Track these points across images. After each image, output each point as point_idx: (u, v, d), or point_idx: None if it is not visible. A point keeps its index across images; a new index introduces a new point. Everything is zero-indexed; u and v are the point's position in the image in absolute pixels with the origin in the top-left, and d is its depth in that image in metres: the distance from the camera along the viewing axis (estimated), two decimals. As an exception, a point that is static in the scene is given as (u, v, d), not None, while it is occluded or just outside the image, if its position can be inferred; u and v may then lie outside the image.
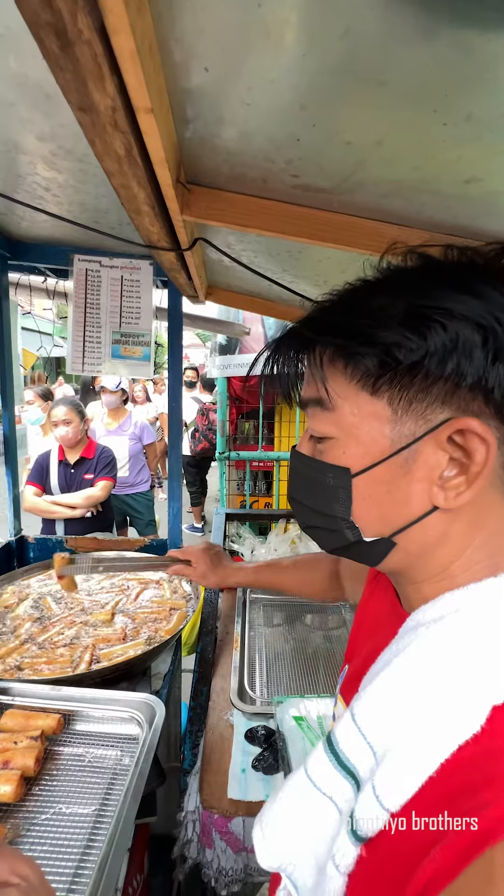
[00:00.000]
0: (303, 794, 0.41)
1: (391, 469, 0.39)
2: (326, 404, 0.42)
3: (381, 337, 0.37)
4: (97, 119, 0.46)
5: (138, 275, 1.50)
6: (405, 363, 0.37)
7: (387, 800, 0.33)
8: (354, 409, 0.40)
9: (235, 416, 2.65)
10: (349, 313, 0.40)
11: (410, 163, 0.57)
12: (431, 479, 0.38)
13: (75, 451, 2.40)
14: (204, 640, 1.36)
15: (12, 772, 0.70)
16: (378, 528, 0.42)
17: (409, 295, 0.38)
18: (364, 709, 0.39)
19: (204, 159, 0.66)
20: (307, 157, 0.60)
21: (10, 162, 0.85)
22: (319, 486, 0.43)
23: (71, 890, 0.58)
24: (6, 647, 1.05)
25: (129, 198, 0.66)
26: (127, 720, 0.84)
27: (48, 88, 0.61)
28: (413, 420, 0.38)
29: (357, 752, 0.37)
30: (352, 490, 0.41)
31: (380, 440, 0.39)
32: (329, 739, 0.40)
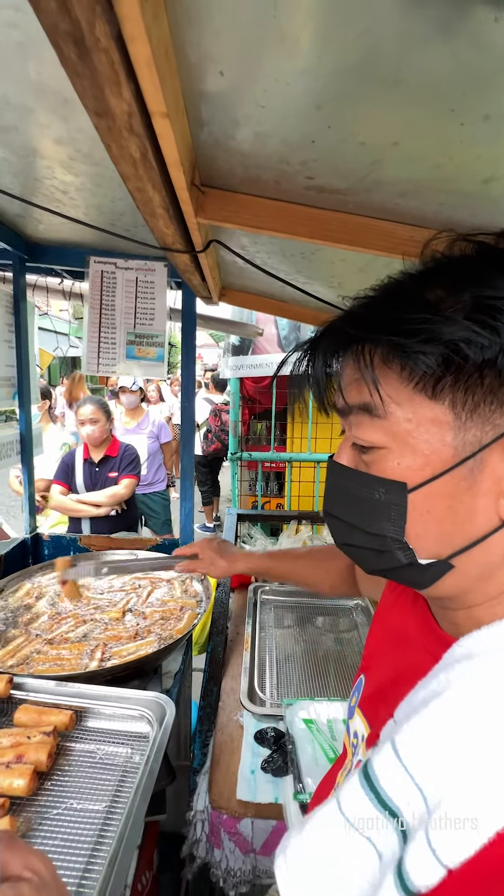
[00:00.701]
0: (335, 830, 0.37)
1: (454, 482, 0.36)
2: (377, 410, 0.37)
3: (446, 333, 0.33)
4: (113, 124, 0.47)
5: (153, 276, 1.51)
6: (474, 361, 0.33)
7: (445, 855, 0.30)
8: (410, 414, 0.36)
9: (248, 416, 2.65)
10: (402, 308, 0.36)
11: (427, 162, 0.56)
12: (500, 491, 0.35)
13: (100, 450, 2.44)
14: (214, 639, 1.36)
15: (26, 766, 0.71)
16: (435, 549, 0.38)
17: (471, 285, 0.34)
18: (410, 745, 0.34)
19: (218, 161, 0.66)
20: (322, 158, 0.59)
21: (29, 166, 0.87)
22: (366, 502, 0.39)
23: (81, 885, 0.58)
24: (18, 641, 1.06)
25: (144, 201, 0.66)
26: (137, 718, 0.85)
27: (66, 93, 0.62)
28: (479, 426, 0.35)
29: (402, 793, 0.34)
30: (407, 507, 0.37)
31: (441, 449, 0.36)
32: (366, 773, 0.36)
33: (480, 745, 0.32)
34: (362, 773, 0.37)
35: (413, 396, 0.36)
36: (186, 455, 1.59)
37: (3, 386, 1.47)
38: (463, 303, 0.34)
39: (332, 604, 1.70)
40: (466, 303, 0.34)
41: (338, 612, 1.66)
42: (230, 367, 2.02)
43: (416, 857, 0.31)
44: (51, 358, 11.20)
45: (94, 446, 2.43)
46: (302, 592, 1.72)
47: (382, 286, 0.40)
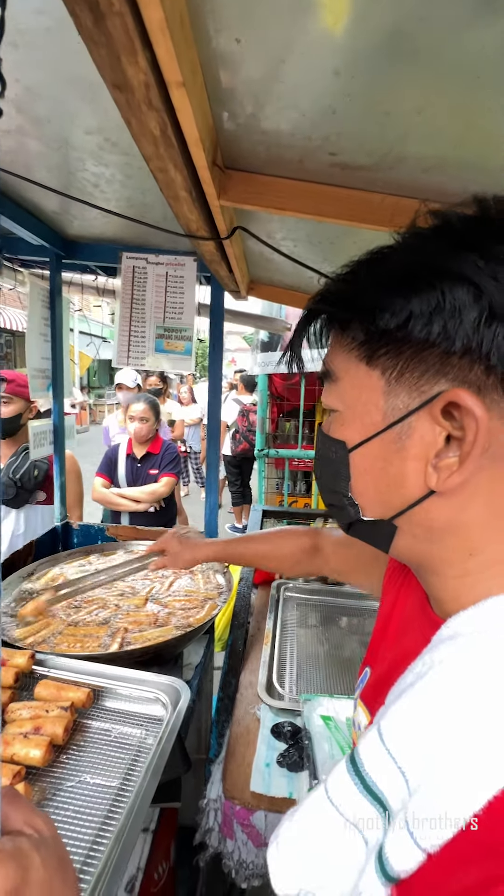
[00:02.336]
0: (323, 817, 0.37)
1: (385, 445, 0.37)
2: (331, 376, 0.41)
3: (363, 301, 0.36)
4: (132, 97, 0.48)
5: (182, 271, 1.53)
6: (387, 327, 0.34)
7: (423, 838, 0.29)
8: (354, 380, 0.39)
9: (276, 414, 2.64)
10: (341, 281, 0.39)
11: (453, 134, 0.54)
12: (426, 457, 0.35)
13: (143, 447, 2.50)
14: (235, 633, 1.35)
15: (42, 737, 0.72)
16: (377, 508, 0.40)
17: (410, 256, 0.36)
18: (394, 728, 0.34)
19: (240, 142, 0.66)
20: (345, 131, 0.58)
21: (62, 159, 0.90)
22: (327, 461, 0.42)
23: (89, 856, 0.59)
24: (41, 621, 1.09)
25: (166, 182, 0.67)
26: (153, 701, 0.86)
27: (93, 77, 0.64)
28: (407, 392, 0.35)
29: (386, 778, 0.33)
30: (349, 465, 0.40)
31: (374, 413, 0.37)
32: (353, 759, 0.36)
33: (459, 725, 0.31)
34: (349, 759, 0.36)
35: (357, 364, 0.38)
36: (212, 448, 1.59)
37: (38, 377, 1.53)
38: (389, 272, 0.35)
39: (358, 605, 1.65)
40: (392, 272, 0.35)
41: (364, 614, 1.62)
42: (258, 364, 2.02)
43: (395, 841, 0.30)
44: (90, 360, 11.63)
45: (140, 443, 2.49)
46: (325, 591, 1.69)
47: (352, 262, 0.42)
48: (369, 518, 0.40)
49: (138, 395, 2.58)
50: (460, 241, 0.33)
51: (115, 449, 2.56)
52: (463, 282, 0.32)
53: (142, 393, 2.66)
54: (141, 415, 2.41)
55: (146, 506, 2.43)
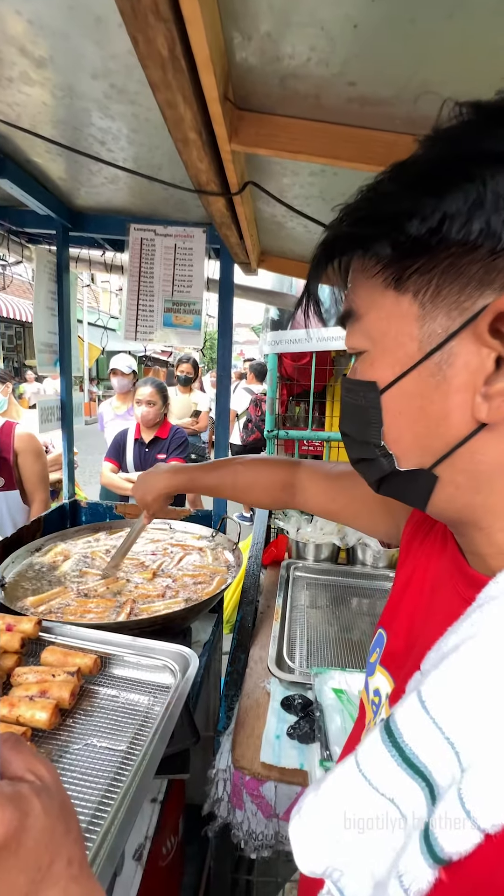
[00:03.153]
0: (354, 790, 0.33)
1: (422, 379, 0.33)
2: (354, 314, 0.36)
3: (388, 209, 0.31)
4: (138, 4, 0.44)
5: (191, 242, 1.50)
6: (418, 234, 0.30)
7: (482, 816, 0.26)
8: (381, 311, 0.34)
9: (286, 397, 2.60)
10: (368, 198, 0.34)
11: (489, 48, 0.50)
12: (474, 386, 0.31)
13: (151, 431, 2.48)
14: (244, 609, 1.33)
15: (48, 700, 0.71)
16: (415, 455, 0.35)
17: (439, 150, 0.31)
18: (439, 695, 0.30)
19: (253, 74, 0.62)
20: (366, 52, 0.54)
21: (67, 110, 0.87)
22: (355, 408, 0.38)
23: (95, 815, 0.57)
24: (50, 591, 1.08)
25: (175, 120, 0.64)
26: (160, 668, 0.84)
27: (98, 9, 0.60)
28: (445, 313, 0.31)
29: (431, 750, 0.30)
30: (381, 408, 0.35)
31: (407, 345, 0.33)
32: (388, 729, 0.32)
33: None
34: (384, 729, 0.33)
35: (383, 292, 0.34)
36: (222, 426, 1.57)
37: (45, 352, 1.51)
38: (409, 173, 0.32)
39: (370, 585, 1.63)
40: (410, 173, 0.32)
41: (375, 595, 1.59)
42: (268, 343, 1.98)
43: (446, 819, 0.27)
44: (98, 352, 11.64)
45: (147, 427, 2.47)
46: (335, 570, 1.66)
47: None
48: (405, 468, 0.36)
49: (145, 379, 2.55)
50: (499, 122, 0.29)
51: (123, 434, 2.55)
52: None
53: (148, 377, 2.64)
54: (148, 398, 2.39)
55: (154, 490, 2.41)
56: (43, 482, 1.82)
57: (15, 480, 1.75)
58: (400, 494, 0.39)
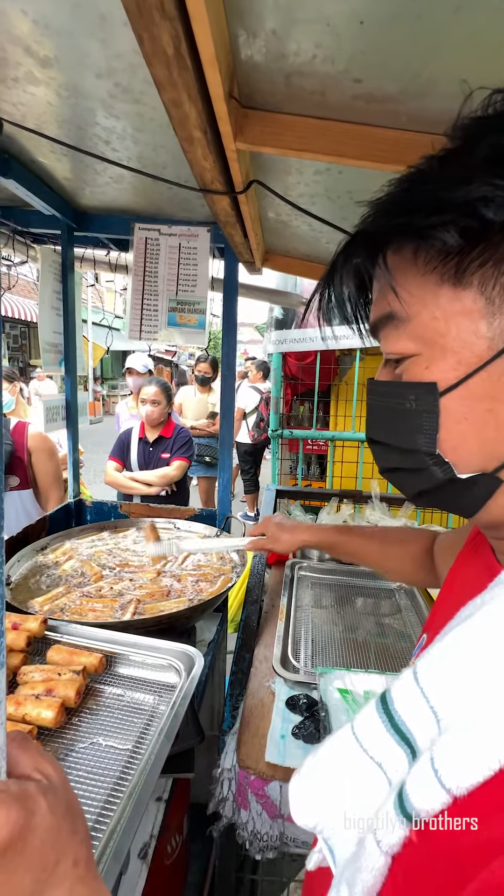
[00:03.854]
0: (347, 754, 0.35)
1: (492, 380, 0.31)
2: (400, 314, 0.34)
3: (458, 195, 0.29)
4: (143, 2, 0.44)
5: (195, 242, 1.50)
6: (496, 219, 0.28)
7: (449, 778, 0.26)
8: (436, 311, 0.32)
9: (290, 396, 2.60)
10: (408, 188, 0.33)
11: (496, 42, 0.49)
12: None
13: (155, 430, 2.49)
14: (248, 608, 1.33)
15: (54, 699, 0.71)
16: (477, 460, 0.33)
17: (489, 135, 0.29)
18: (429, 668, 0.31)
19: (258, 72, 0.62)
20: (371, 48, 0.54)
21: (72, 109, 0.87)
22: (398, 414, 0.35)
23: (101, 814, 0.57)
24: (56, 591, 1.09)
25: (180, 119, 0.63)
26: (166, 668, 0.84)
27: (103, 7, 0.60)
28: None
29: (416, 717, 0.31)
30: (439, 413, 0.33)
31: (475, 343, 0.31)
32: (384, 698, 0.34)
33: (499, 662, 0.28)
34: (380, 698, 0.35)
35: (437, 290, 0.32)
36: (226, 423, 1.57)
37: (50, 351, 1.52)
38: (477, 157, 0.29)
39: (374, 585, 1.62)
40: (480, 156, 0.29)
41: (380, 595, 1.58)
42: (273, 342, 1.98)
43: (417, 777, 0.28)
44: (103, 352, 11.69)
45: (151, 426, 2.48)
46: (340, 570, 1.66)
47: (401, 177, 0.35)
48: (464, 475, 0.34)
49: (149, 379, 2.56)
50: None
51: (127, 433, 2.56)
52: None
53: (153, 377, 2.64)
54: (152, 398, 2.40)
55: (158, 489, 2.42)
56: (57, 481, 1.84)
57: (29, 480, 1.76)
58: (446, 503, 0.37)
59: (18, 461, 1.73)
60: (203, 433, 3.81)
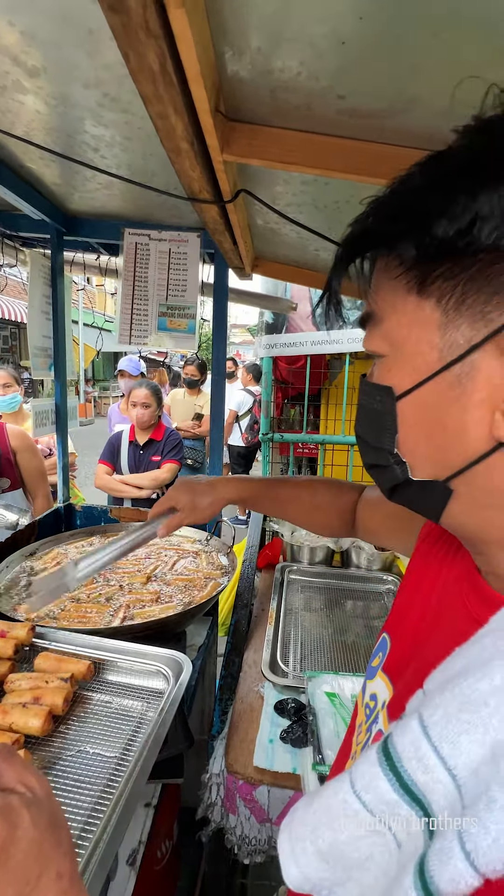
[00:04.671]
0: (347, 812, 0.31)
1: (441, 390, 0.31)
2: (374, 317, 0.35)
3: (415, 205, 0.29)
4: (128, 21, 0.45)
5: (186, 247, 1.50)
6: (445, 236, 0.28)
7: (483, 861, 0.24)
8: (402, 316, 0.33)
9: (281, 400, 2.61)
10: (396, 191, 0.32)
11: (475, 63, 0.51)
12: (494, 402, 0.29)
13: (146, 433, 2.48)
14: (238, 613, 1.34)
15: (41, 707, 0.71)
16: (431, 467, 0.34)
17: (475, 142, 0.29)
18: (443, 722, 0.28)
19: (244, 87, 0.63)
20: (354, 67, 0.55)
21: (60, 118, 0.87)
22: (370, 412, 0.37)
23: (87, 823, 0.57)
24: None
25: (167, 131, 0.64)
26: (154, 674, 0.84)
27: (90, 22, 0.61)
28: (469, 323, 0.29)
29: (430, 779, 0.28)
30: (397, 415, 0.34)
31: (427, 353, 0.31)
32: (386, 751, 0.30)
33: None
34: (381, 750, 0.31)
35: (405, 296, 0.32)
36: (216, 427, 1.57)
37: (40, 356, 1.51)
38: (440, 168, 0.30)
39: (364, 588, 1.64)
40: (442, 168, 0.29)
41: (368, 597, 1.60)
42: (263, 346, 1.99)
43: (443, 858, 0.25)
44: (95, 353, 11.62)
45: (142, 429, 2.47)
46: (330, 574, 1.67)
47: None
48: (419, 479, 0.34)
49: (140, 381, 2.56)
50: None
51: (117, 436, 2.55)
52: None
53: (143, 379, 2.64)
54: (143, 400, 2.39)
55: (149, 492, 2.42)
56: (42, 477, 1.83)
57: (18, 479, 1.75)
58: (412, 504, 0.37)
59: (6, 462, 1.73)
60: (188, 434, 3.80)
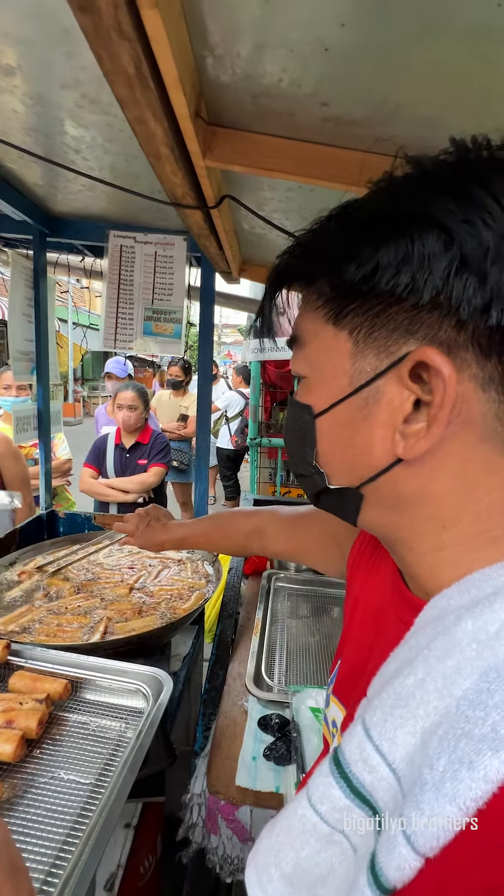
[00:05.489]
0: (306, 827, 0.32)
1: (351, 411, 0.35)
2: (299, 341, 0.39)
3: (327, 251, 0.34)
4: (99, 21, 0.43)
5: (172, 251, 1.48)
6: (353, 280, 0.32)
7: (421, 842, 0.25)
8: (322, 343, 0.36)
9: (270, 403, 2.59)
10: (316, 233, 0.36)
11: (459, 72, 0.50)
12: (394, 423, 0.33)
13: (132, 436, 2.44)
14: (223, 623, 1.32)
15: (14, 732, 0.68)
16: (344, 476, 0.38)
17: (380, 203, 0.33)
18: (380, 721, 0.30)
19: (225, 92, 0.61)
20: (337, 74, 0.53)
21: (38, 118, 0.84)
22: (295, 427, 0.41)
23: (58, 857, 0.55)
24: (20, 609, 1.05)
25: (146, 136, 0.62)
26: (133, 692, 0.82)
27: (66, 21, 0.59)
28: (374, 353, 0.33)
29: (374, 777, 0.30)
30: (315, 431, 0.38)
31: (340, 378, 0.35)
32: (336, 759, 0.32)
33: (457, 711, 0.27)
34: (332, 759, 0.32)
35: (324, 325, 0.36)
36: (202, 435, 1.55)
37: (21, 360, 1.48)
38: (352, 219, 0.34)
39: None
40: (353, 219, 0.33)
41: (355, 604, 1.59)
42: (251, 350, 1.97)
43: (389, 847, 0.26)
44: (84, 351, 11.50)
45: (128, 432, 2.44)
46: (317, 581, 1.66)
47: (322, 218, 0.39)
48: (335, 486, 0.39)
49: (126, 384, 2.52)
50: (433, 185, 0.30)
51: (103, 439, 2.51)
52: (433, 227, 0.29)
53: (130, 381, 2.60)
54: (129, 403, 2.36)
55: (135, 496, 2.38)
56: (25, 482, 1.79)
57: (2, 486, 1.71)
58: (333, 508, 0.41)
59: None
60: (174, 436, 3.78)
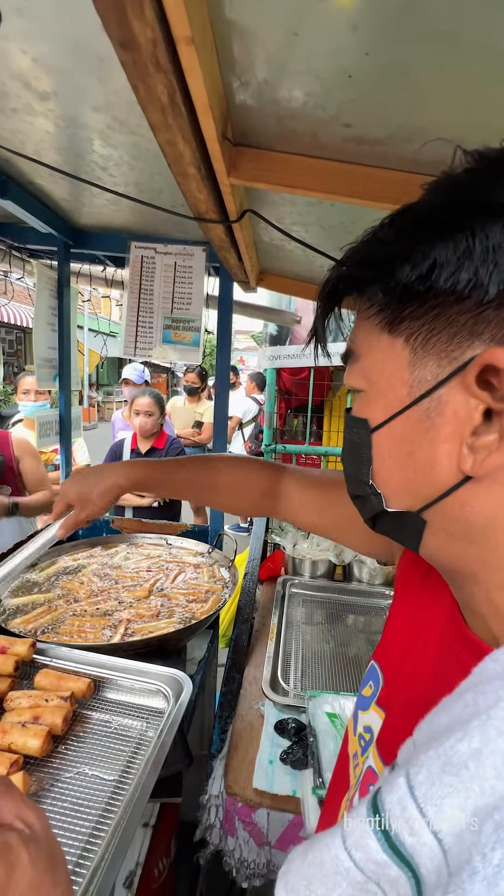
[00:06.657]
0: (339, 870, 0.30)
1: (411, 424, 0.32)
2: (353, 354, 0.37)
3: (381, 255, 0.32)
4: (139, 57, 0.45)
5: (191, 261, 1.51)
6: (407, 281, 0.30)
7: None
8: (377, 354, 0.35)
9: (284, 410, 2.61)
10: (369, 242, 0.35)
11: (480, 95, 0.51)
12: (461, 436, 0.30)
13: (148, 441, 2.49)
14: (239, 628, 1.33)
15: (41, 727, 0.71)
16: (404, 498, 0.35)
17: (436, 198, 0.31)
18: (427, 783, 0.27)
19: (251, 114, 0.64)
20: (360, 99, 0.55)
21: (69, 139, 0.88)
22: (351, 444, 0.39)
23: (85, 850, 0.57)
24: (42, 608, 1.08)
25: (175, 157, 0.65)
26: (154, 693, 0.84)
27: (101, 51, 0.62)
28: (435, 360, 0.31)
29: (416, 840, 0.27)
30: (371, 447, 0.36)
31: (398, 388, 0.33)
32: (375, 805, 0.29)
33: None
34: (371, 806, 0.29)
35: (379, 335, 0.34)
36: (219, 440, 1.57)
37: (45, 367, 1.52)
38: (406, 220, 0.32)
39: (365, 602, 1.63)
40: (408, 219, 0.32)
41: (370, 612, 1.59)
42: (267, 358, 1.99)
43: None
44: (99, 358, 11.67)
45: (144, 437, 2.48)
46: (332, 588, 1.66)
47: None
48: (393, 509, 0.35)
49: (143, 390, 2.57)
50: (497, 173, 0.29)
51: (119, 444, 2.56)
52: (498, 216, 0.27)
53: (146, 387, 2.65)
54: (146, 409, 2.41)
55: (150, 500, 2.42)
56: (45, 483, 1.83)
57: (20, 487, 1.76)
58: (393, 534, 0.38)
59: (10, 471, 1.74)
60: (188, 442, 3.82)
